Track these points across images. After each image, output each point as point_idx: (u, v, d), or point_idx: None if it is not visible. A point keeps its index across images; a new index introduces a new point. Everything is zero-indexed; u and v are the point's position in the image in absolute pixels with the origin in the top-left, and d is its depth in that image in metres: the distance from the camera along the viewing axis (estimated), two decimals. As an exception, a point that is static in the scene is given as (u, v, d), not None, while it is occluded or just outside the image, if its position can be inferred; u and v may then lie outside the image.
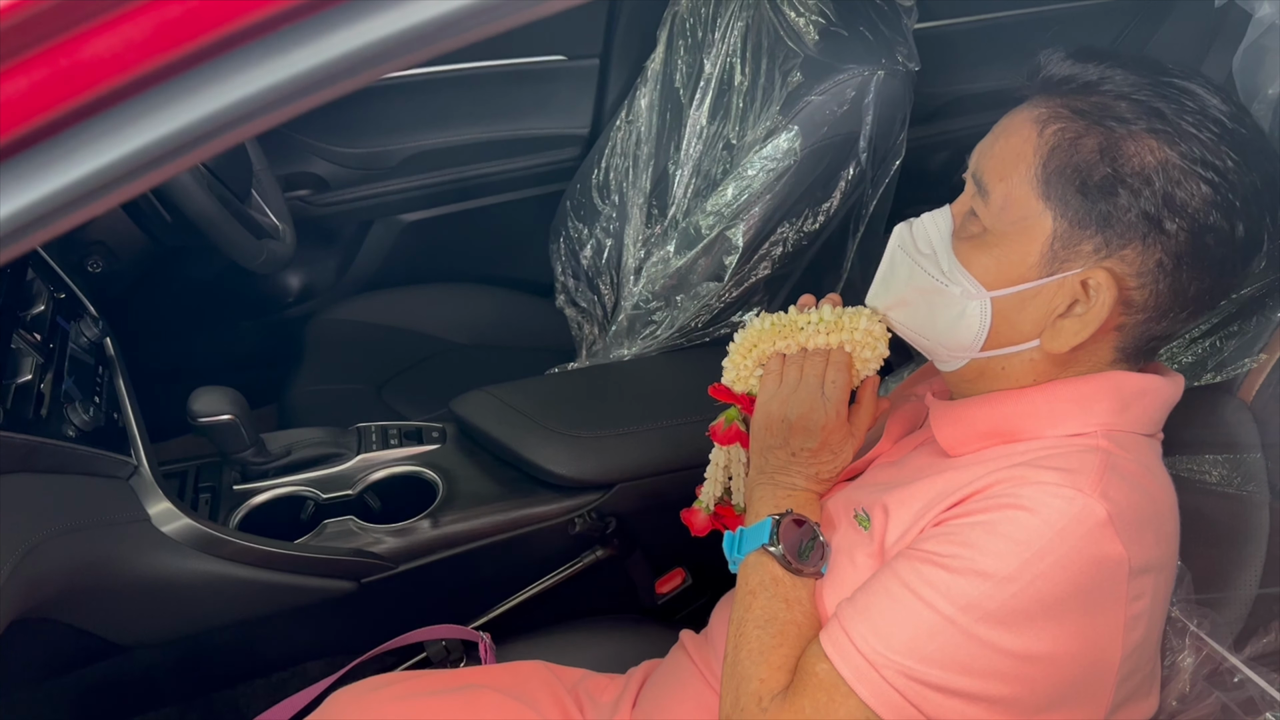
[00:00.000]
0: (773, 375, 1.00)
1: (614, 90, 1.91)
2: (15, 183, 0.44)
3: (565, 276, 1.94)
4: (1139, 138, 0.81)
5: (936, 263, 0.90)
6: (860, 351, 0.99)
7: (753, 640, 0.90)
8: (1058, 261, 0.84)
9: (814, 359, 0.99)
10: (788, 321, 1.01)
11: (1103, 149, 0.82)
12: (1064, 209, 0.83)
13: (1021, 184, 0.85)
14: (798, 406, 0.96)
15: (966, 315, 0.89)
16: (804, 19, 1.56)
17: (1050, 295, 0.85)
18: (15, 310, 1.20)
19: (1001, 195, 0.86)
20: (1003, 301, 0.87)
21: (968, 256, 0.89)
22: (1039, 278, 0.85)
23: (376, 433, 1.48)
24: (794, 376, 0.99)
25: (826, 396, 0.96)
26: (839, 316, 0.99)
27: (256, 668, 1.58)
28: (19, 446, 1.08)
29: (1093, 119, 0.83)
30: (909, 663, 0.80)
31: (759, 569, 0.93)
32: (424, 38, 0.46)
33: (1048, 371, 0.89)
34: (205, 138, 0.46)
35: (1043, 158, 0.84)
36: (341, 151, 1.88)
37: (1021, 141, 0.86)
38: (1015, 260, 0.86)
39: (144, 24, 0.42)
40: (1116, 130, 0.82)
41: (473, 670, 1.24)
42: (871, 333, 0.98)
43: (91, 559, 1.18)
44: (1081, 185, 0.82)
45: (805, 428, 0.96)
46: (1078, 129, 0.83)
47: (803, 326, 1.00)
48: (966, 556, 0.80)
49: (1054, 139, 0.84)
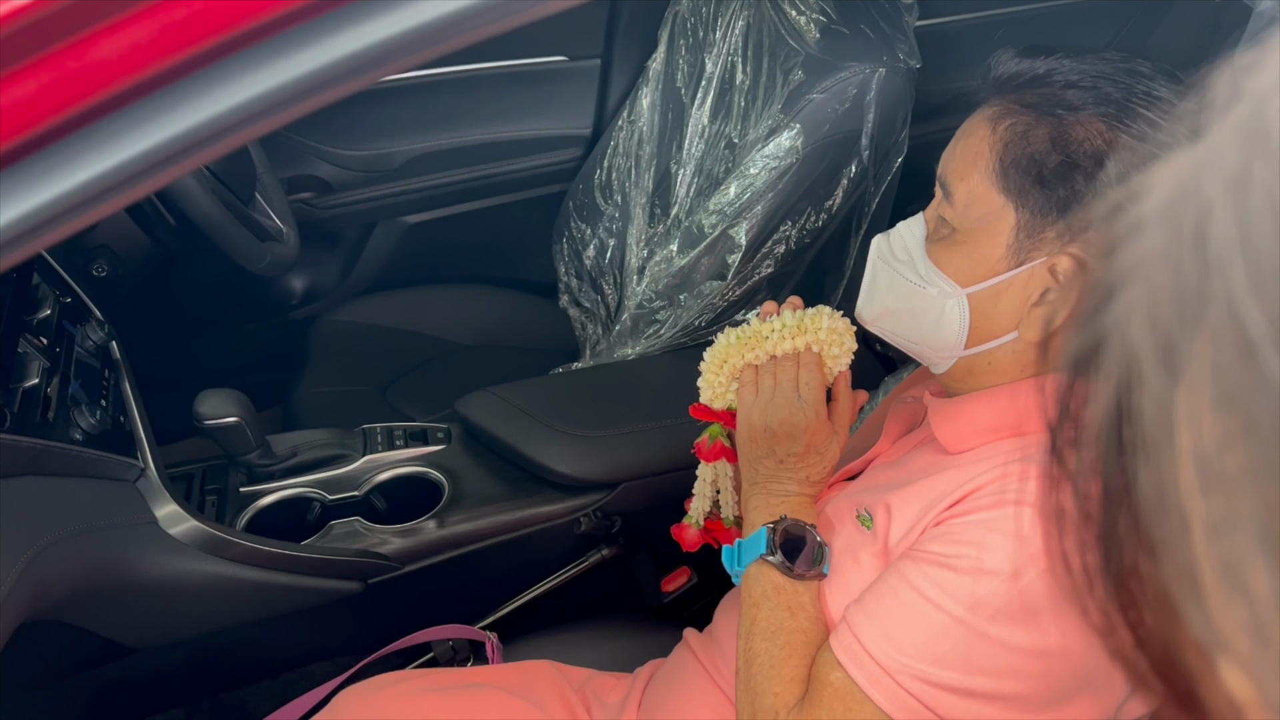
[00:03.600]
0: (748, 386, 1.01)
1: (616, 90, 1.91)
2: (25, 185, 0.45)
3: (568, 276, 1.94)
4: (1088, 123, 0.83)
5: (914, 267, 0.92)
6: (828, 350, 1.01)
7: (762, 654, 0.90)
8: (1024, 252, 0.86)
9: (785, 364, 1.00)
10: (753, 333, 1.02)
11: (1053, 138, 0.84)
12: (1024, 199, 0.85)
13: (981, 181, 0.87)
14: (777, 413, 0.97)
15: (946, 314, 0.90)
16: (805, 17, 1.56)
17: (1022, 285, 0.87)
18: (22, 315, 1.21)
19: (964, 194, 0.88)
20: (978, 297, 0.89)
21: (941, 258, 0.91)
22: (1008, 269, 0.87)
23: (382, 434, 1.48)
24: (768, 385, 1.00)
25: (803, 399, 0.98)
26: (801, 319, 1.01)
27: (264, 669, 1.59)
28: (26, 450, 1.08)
29: (1042, 110, 0.85)
30: (922, 666, 0.80)
31: (760, 579, 0.94)
32: (427, 38, 0.46)
33: (1035, 363, 0.90)
34: (211, 139, 0.46)
35: (998, 153, 0.86)
36: (344, 154, 1.89)
37: (978, 141, 0.88)
38: (984, 255, 0.88)
39: (149, 27, 0.43)
40: (1065, 118, 0.84)
41: (480, 670, 1.24)
42: (835, 330, 1.01)
43: (99, 561, 1.18)
44: (1038, 175, 0.84)
45: (788, 433, 0.97)
46: (1028, 121, 0.85)
47: (768, 335, 1.01)
48: (972, 555, 0.81)
49: (1007, 134, 0.86)
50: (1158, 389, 0.25)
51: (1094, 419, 0.27)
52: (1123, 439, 0.27)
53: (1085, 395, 0.28)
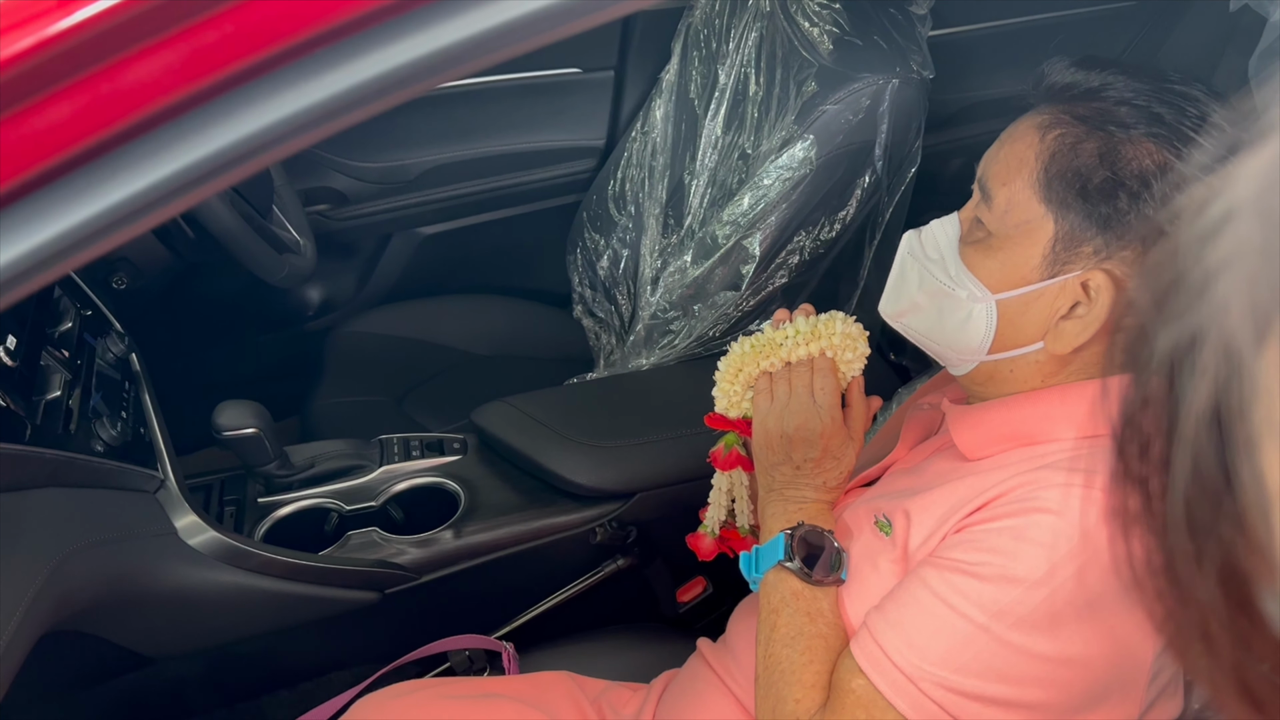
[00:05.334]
0: (763, 394, 1.01)
1: (629, 102, 1.92)
2: (60, 207, 0.45)
3: (582, 287, 1.95)
4: (1138, 142, 0.83)
5: (944, 267, 0.92)
6: (842, 355, 1.01)
7: (783, 660, 0.90)
8: (1059, 263, 0.85)
9: (799, 370, 1.00)
10: (767, 340, 1.03)
11: (1102, 153, 0.83)
12: (1065, 212, 0.84)
13: (1024, 188, 0.86)
14: (793, 419, 0.98)
15: (973, 318, 0.90)
16: (818, 29, 1.57)
17: (1053, 297, 0.86)
18: (44, 327, 1.22)
19: (1005, 199, 0.88)
20: (1007, 304, 0.88)
21: (973, 261, 0.90)
22: (1041, 280, 0.86)
23: (398, 444, 1.49)
24: (784, 391, 1.00)
25: (818, 404, 0.98)
26: (814, 325, 1.02)
27: (282, 679, 1.59)
28: (49, 462, 1.09)
29: (1093, 124, 0.84)
30: (945, 673, 0.80)
31: (779, 585, 0.94)
32: (451, 59, 0.47)
33: (1055, 374, 0.90)
34: (240, 160, 0.47)
35: (1044, 162, 0.85)
36: (360, 166, 1.90)
37: (1024, 147, 0.87)
38: (1018, 263, 0.87)
39: (181, 50, 0.44)
40: (1116, 135, 0.83)
41: (496, 680, 1.25)
42: (849, 335, 1.01)
43: (120, 572, 1.19)
44: (1082, 189, 0.84)
45: (804, 439, 0.97)
46: (1078, 134, 0.85)
47: (781, 342, 1.02)
48: (996, 563, 0.81)
49: (1055, 144, 0.85)
50: (1261, 378, 0.26)
51: (1188, 418, 0.27)
52: (1222, 434, 0.27)
53: (1163, 397, 0.28)
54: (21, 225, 0.48)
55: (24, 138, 0.46)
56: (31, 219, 0.47)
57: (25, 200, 0.47)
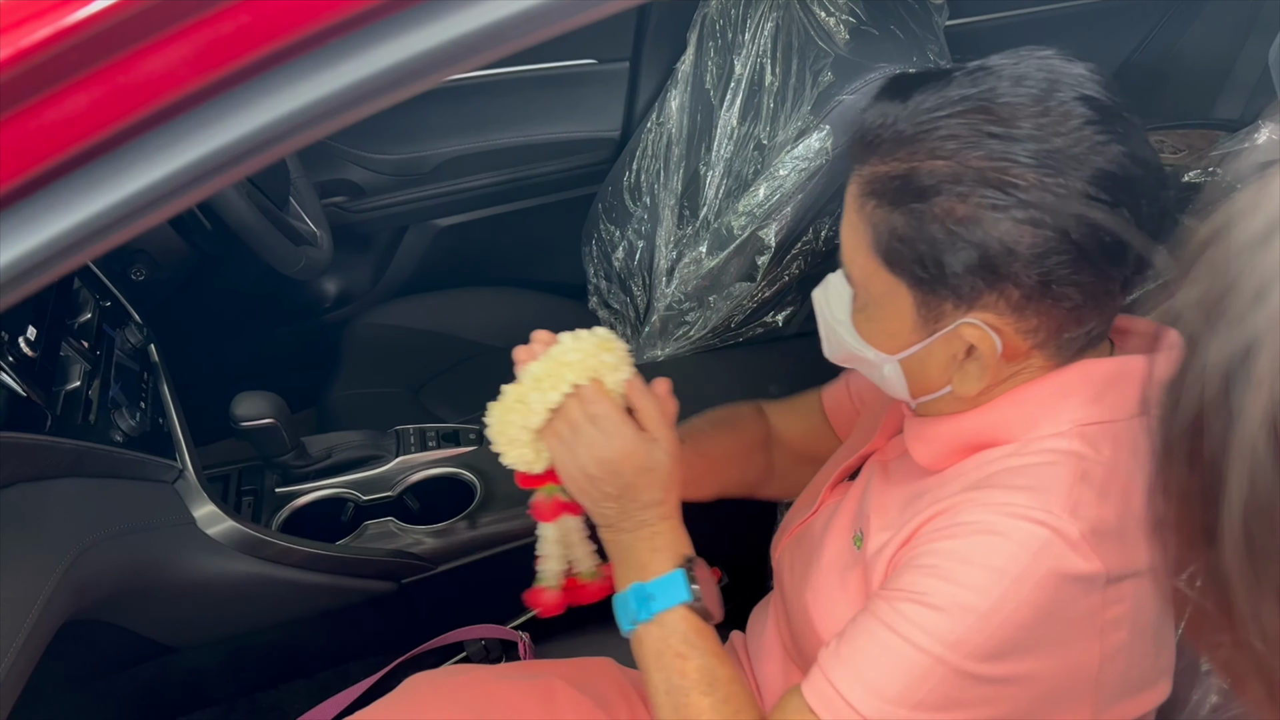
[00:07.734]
0: (552, 437, 0.95)
1: (644, 93, 1.91)
2: (79, 197, 0.46)
3: (597, 278, 1.95)
4: (940, 204, 0.78)
5: (849, 330, 0.90)
6: (606, 375, 0.95)
7: (705, 710, 0.88)
8: (931, 322, 0.83)
9: (569, 405, 0.94)
10: (519, 394, 0.95)
11: (911, 225, 0.80)
12: (912, 279, 0.82)
13: (869, 262, 0.84)
14: (586, 454, 0.92)
15: (886, 375, 0.90)
16: (834, 18, 1.56)
17: (944, 347, 0.84)
18: (64, 319, 1.23)
19: (859, 273, 0.86)
20: (908, 360, 0.87)
21: (863, 329, 0.89)
22: (923, 339, 0.85)
23: (415, 435, 1.49)
24: (566, 430, 0.94)
25: (603, 430, 0.92)
26: (554, 359, 0.94)
27: (299, 668, 1.60)
28: (69, 452, 1.10)
29: (894, 200, 0.81)
30: (903, 712, 0.79)
31: (678, 626, 0.90)
32: (466, 49, 0.47)
33: (995, 386, 0.87)
34: (256, 150, 0.47)
35: (870, 239, 0.83)
36: (376, 158, 1.91)
37: (857, 220, 0.85)
38: (897, 328, 0.86)
39: (196, 41, 0.44)
40: (917, 207, 0.79)
41: (542, 663, 1.24)
42: (603, 348, 0.95)
43: (139, 562, 1.20)
44: (915, 260, 0.81)
45: (606, 471, 0.92)
46: (885, 211, 0.81)
47: (533, 391, 0.94)
48: (948, 591, 0.78)
49: (871, 217, 0.83)
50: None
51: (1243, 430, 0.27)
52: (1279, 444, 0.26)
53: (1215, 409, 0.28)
54: (41, 215, 0.48)
55: (42, 129, 0.46)
56: (51, 209, 0.48)
57: (45, 190, 0.48)
